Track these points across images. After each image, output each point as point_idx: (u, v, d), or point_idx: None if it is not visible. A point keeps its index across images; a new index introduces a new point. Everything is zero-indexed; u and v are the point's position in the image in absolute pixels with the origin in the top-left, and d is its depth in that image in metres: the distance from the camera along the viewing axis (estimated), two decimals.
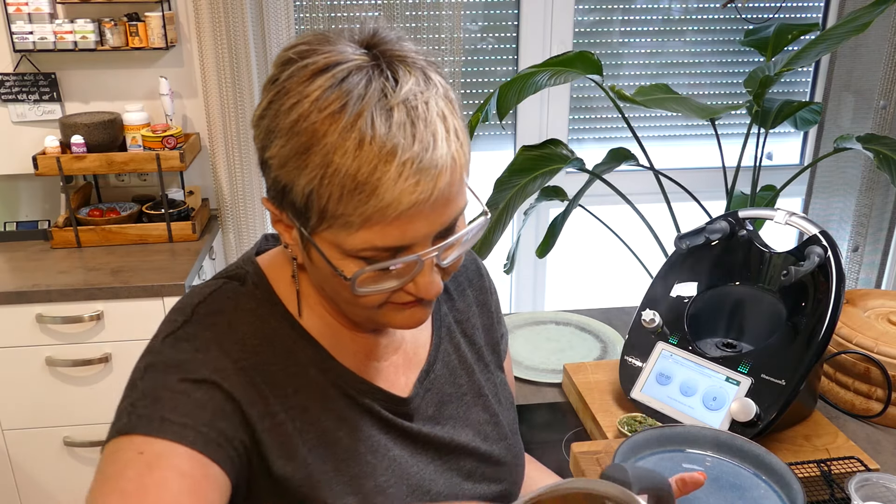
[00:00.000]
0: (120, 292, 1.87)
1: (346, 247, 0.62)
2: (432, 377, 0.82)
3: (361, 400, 0.75)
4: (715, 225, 1.30)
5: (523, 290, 2.70)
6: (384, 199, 0.59)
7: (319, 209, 0.61)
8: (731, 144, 2.52)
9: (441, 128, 0.61)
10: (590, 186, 1.99)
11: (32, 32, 2.02)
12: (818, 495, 1.07)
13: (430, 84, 0.62)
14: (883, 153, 1.81)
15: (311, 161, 0.59)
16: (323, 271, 0.67)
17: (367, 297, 0.66)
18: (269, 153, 0.62)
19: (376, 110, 0.58)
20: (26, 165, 2.13)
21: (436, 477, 0.79)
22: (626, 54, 2.51)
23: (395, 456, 0.76)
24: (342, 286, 0.66)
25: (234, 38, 2.11)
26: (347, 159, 0.58)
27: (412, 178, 0.59)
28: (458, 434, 0.82)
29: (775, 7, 2.49)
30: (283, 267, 0.76)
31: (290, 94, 0.61)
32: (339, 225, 0.61)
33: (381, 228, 0.60)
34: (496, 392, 0.89)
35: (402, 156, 0.58)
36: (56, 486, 2.05)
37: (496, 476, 0.85)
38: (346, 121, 0.58)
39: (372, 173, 0.58)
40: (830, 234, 1.19)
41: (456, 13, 2.24)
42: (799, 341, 1.14)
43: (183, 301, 0.73)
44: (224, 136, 2.21)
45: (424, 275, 0.65)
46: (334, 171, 0.58)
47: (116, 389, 2.20)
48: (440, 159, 0.60)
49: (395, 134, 0.58)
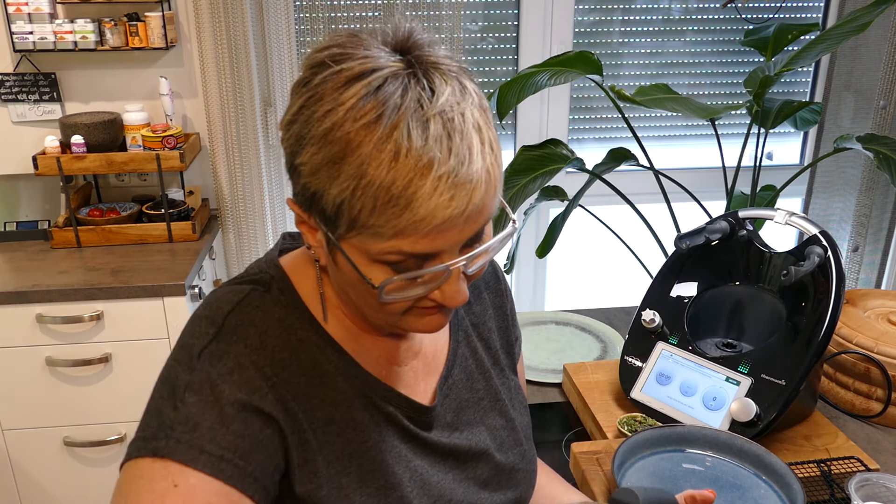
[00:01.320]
0: (120, 292, 1.87)
1: (373, 253, 0.62)
2: (450, 382, 0.82)
3: (385, 408, 0.75)
4: (715, 225, 1.30)
5: (523, 290, 2.70)
6: (418, 213, 0.58)
7: (350, 219, 0.60)
8: (731, 144, 2.52)
9: (476, 140, 0.60)
10: (590, 186, 1.99)
11: (32, 32, 2.02)
12: (818, 495, 1.07)
13: (465, 94, 0.61)
14: (883, 153, 1.81)
15: (345, 171, 0.58)
16: (348, 276, 0.66)
17: (393, 305, 0.66)
18: (300, 159, 0.61)
19: (412, 121, 0.57)
20: (26, 165, 2.13)
21: (455, 486, 0.78)
22: (626, 54, 2.51)
23: (416, 466, 0.75)
24: (368, 292, 0.65)
25: (234, 38, 2.11)
26: (382, 171, 0.57)
27: (447, 192, 0.58)
28: (475, 441, 0.82)
29: (775, 7, 2.49)
30: (307, 268, 0.75)
31: (323, 100, 0.59)
32: (368, 234, 0.60)
33: (412, 240, 0.60)
34: (511, 397, 0.89)
35: (439, 170, 0.57)
36: (56, 486, 2.05)
37: (511, 483, 0.84)
38: (381, 132, 0.57)
39: (407, 187, 0.57)
40: (830, 234, 1.19)
41: (456, 13, 2.24)
42: (799, 341, 1.14)
43: (211, 307, 0.71)
44: (224, 136, 2.21)
45: (451, 283, 0.64)
46: (368, 183, 0.57)
47: (116, 389, 2.19)
48: (475, 174, 0.59)
49: (431, 147, 0.57)
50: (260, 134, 2.23)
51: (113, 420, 1.99)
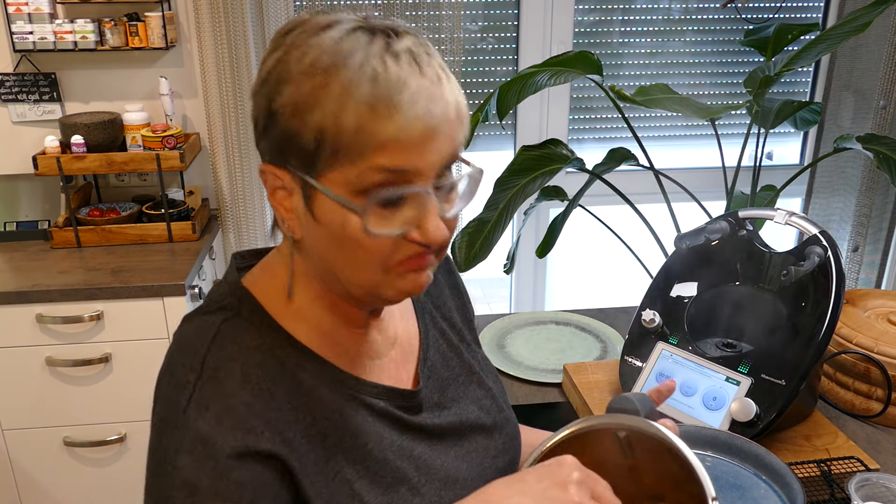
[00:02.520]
0: (120, 292, 1.88)
1: (354, 181, 0.64)
2: (429, 365, 0.84)
3: (377, 405, 0.75)
4: (715, 225, 1.30)
5: (523, 290, 2.70)
6: (399, 123, 0.62)
7: (333, 144, 0.63)
8: (731, 144, 2.52)
9: (444, 74, 0.65)
10: (590, 186, 1.99)
11: (32, 32, 2.02)
12: (818, 495, 1.07)
13: (427, 46, 0.66)
14: (883, 153, 1.81)
15: (329, 95, 0.62)
16: (330, 228, 0.66)
17: (376, 250, 0.66)
18: (279, 102, 0.64)
19: (385, 54, 0.63)
20: (26, 165, 2.13)
21: (458, 463, 0.80)
22: (626, 54, 2.51)
23: (418, 454, 0.77)
24: (351, 242, 0.66)
25: (234, 38, 2.11)
26: (364, 90, 0.61)
27: (424, 104, 0.63)
28: (464, 415, 0.84)
29: (775, 7, 2.49)
30: (272, 281, 0.75)
31: (299, 47, 0.64)
32: (352, 156, 0.63)
33: (392, 152, 0.63)
34: (482, 368, 0.92)
35: (414, 85, 0.63)
36: (56, 486, 2.05)
37: (505, 447, 0.87)
38: (359, 59, 0.62)
39: (389, 100, 0.62)
40: (830, 234, 1.19)
41: (456, 13, 2.24)
42: (799, 341, 1.14)
43: (187, 349, 0.71)
44: (224, 136, 2.21)
45: (430, 218, 0.66)
46: (354, 101, 0.62)
47: (116, 389, 2.20)
48: (448, 94, 0.65)
49: (405, 70, 0.63)
50: None
51: (113, 420, 1.99)
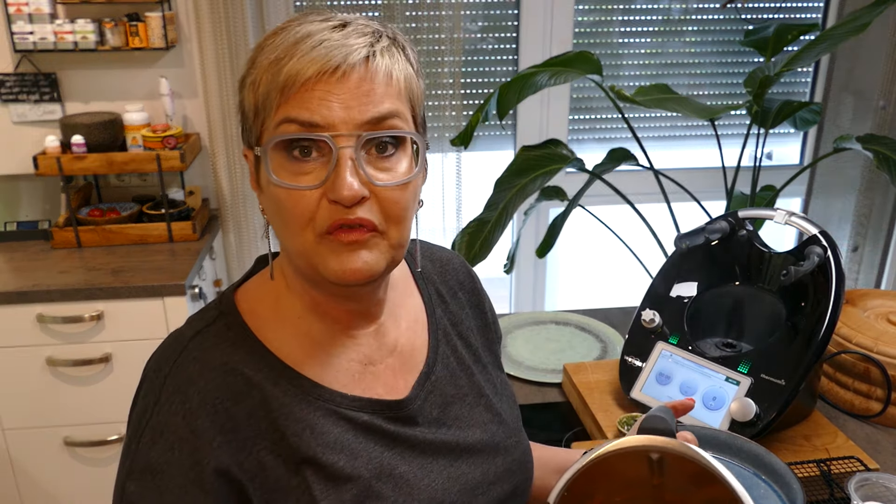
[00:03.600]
0: (120, 292, 1.88)
1: (271, 135, 0.66)
2: (433, 379, 0.82)
3: (360, 418, 0.73)
4: (715, 225, 1.30)
5: (523, 290, 2.70)
6: (294, 67, 0.64)
7: (255, 106, 0.67)
8: (730, 145, 2.52)
9: (383, 43, 0.67)
10: (590, 186, 1.99)
11: (33, 32, 2.02)
12: (818, 495, 1.07)
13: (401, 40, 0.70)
14: (883, 153, 1.81)
15: (261, 62, 0.66)
16: (266, 193, 0.70)
17: (297, 206, 0.66)
18: (245, 82, 0.69)
19: (314, 17, 0.67)
20: (27, 165, 2.13)
21: (449, 485, 0.78)
22: (626, 54, 2.51)
23: (402, 472, 0.74)
24: (275, 202, 0.67)
25: (234, 38, 2.11)
26: (274, 50, 0.65)
27: (323, 51, 0.64)
28: (465, 435, 0.82)
29: (775, 7, 2.49)
30: (264, 284, 0.76)
31: (265, 49, 0.68)
32: (268, 112, 0.66)
33: (294, 100, 0.64)
34: (496, 392, 0.89)
35: (318, 36, 0.65)
36: (56, 485, 2.05)
37: (506, 475, 0.85)
38: (295, 31, 0.66)
39: (289, 50, 0.65)
40: (830, 234, 1.19)
41: (456, 13, 2.24)
42: (799, 341, 1.14)
43: (154, 368, 0.71)
44: (224, 136, 2.21)
45: (340, 172, 0.65)
46: (265, 59, 0.66)
47: (117, 389, 2.20)
48: (357, 47, 0.65)
49: (321, 27, 0.65)
50: None
51: (113, 420, 1.99)
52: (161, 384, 0.69)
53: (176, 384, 0.69)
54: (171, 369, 0.70)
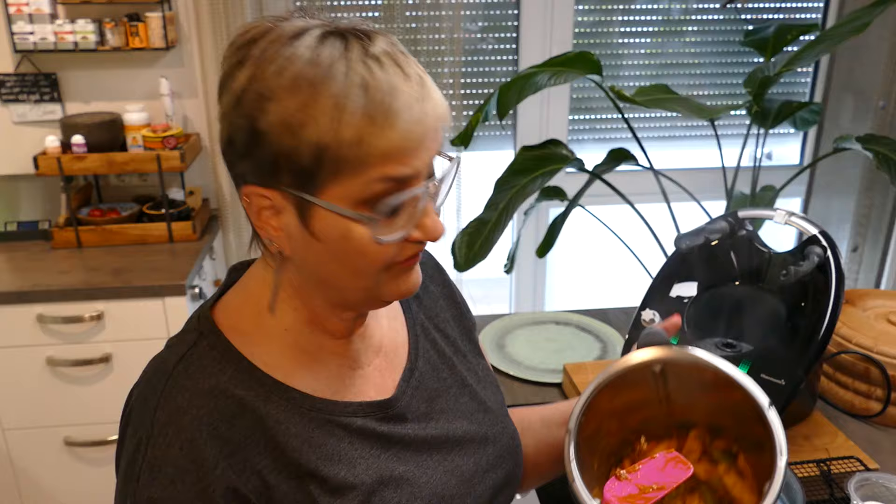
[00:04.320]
0: (120, 292, 1.88)
1: (356, 193, 0.63)
2: (417, 375, 0.82)
3: (354, 424, 0.73)
4: (715, 225, 1.30)
5: (523, 290, 2.70)
6: (400, 130, 0.62)
7: (334, 159, 0.61)
8: (730, 144, 2.52)
9: (423, 73, 0.65)
10: (590, 186, 1.99)
11: (33, 33, 2.02)
12: (818, 495, 1.07)
13: (400, 45, 0.66)
14: (882, 153, 1.81)
15: (321, 109, 0.60)
16: (329, 242, 0.65)
17: (381, 256, 0.66)
18: (266, 121, 0.61)
19: (366, 59, 0.62)
20: (27, 165, 2.14)
21: (447, 478, 0.78)
22: (626, 54, 2.51)
23: (401, 473, 0.75)
24: (354, 253, 0.66)
25: None
26: (357, 100, 0.60)
27: (418, 107, 0.63)
28: (453, 427, 0.82)
29: (775, 7, 2.49)
30: (246, 300, 0.74)
31: (273, 61, 0.62)
32: (354, 169, 0.62)
33: (396, 160, 0.63)
34: (479, 380, 0.90)
35: (405, 89, 0.62)
36: (57, 485, 2.05)
37: (498, 461, 0.85)
38: (342, 68, 0.61)
39: (386, 109, 0.61)
40: (830, 235, 1.19)
41: (456, 13, 2.24)
42: (799, 341, 1.14)
43: (143, 397, 0.69)
44: None
45: (430, 215, 0.67)
46: (349, 114, 0.60)
47: (117, 389, 2.19)
48: (434, 93, 0.65)
49: (390, 74, 0.62)
50: None
51: (113, 420, 1.98)
52: (151, 418, 0.67)
53: (167, 416, 0.66)
54: (159, 401, 0.67)
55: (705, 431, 0.78)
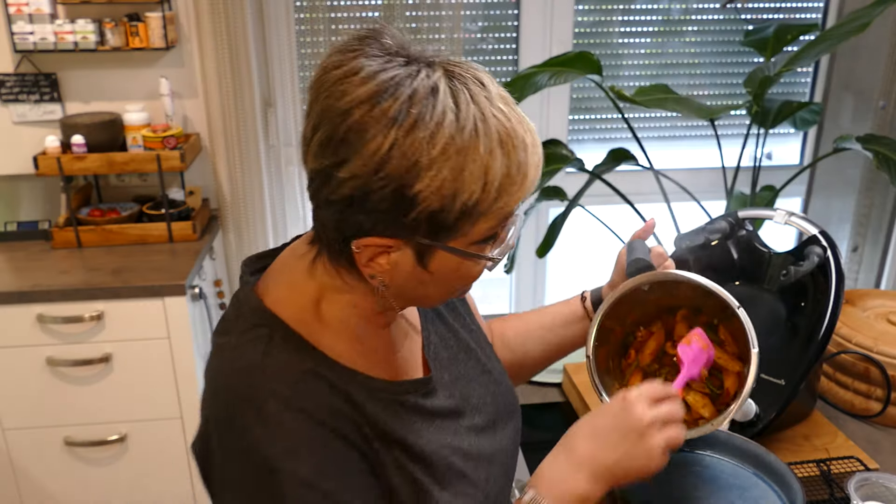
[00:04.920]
0: (120, 292, 1.88)
1: (481, 235, 0.69)
2: (433, 348, 0.87)
3: (409, 402, 0.78)
4: (715, 225, 1.30)
5: (523, 290, 2.70)
6: (528, 180, 0.69)
7: (474, 214, 0.67)
8: (730, 144, 2.52)
9: (519, 110, 0.70)
10: (590, 186, 1.99)
11: (33, 33, 2.02)
12: (818, 495, 1.07)
13: (490, 76, 0.70)
14: (882, 153, 1.81)
15: (472, 177, 0.65)
16: (439, 274, 0.71)
17: (476, 276, 0.74)
18: (417, 188, 0.64)
19: (494, 112, 0.66)
20: (27, 165, 2.13)
21: (481, 441, 0.84)
22: (626, 54, 2.51)
23: (448, 442, 0.80)
24: (457, 280, 0.73)
25: (234, 38, 2.11)
26: (500, 160, 0.66)
27: (536, 154, 0.70)
28: (469, 392, 0.88)
29: (775, 7, 2.49)
30: (299, 297, 0.76)
31: (420, 126, 0.63)
32: (486, 217, 0.68)
33: (515, 202, 0.69)
34: (479, 343, 0.95)
35: (527, 140, 0.68)
36: (57, 485, 2.05)
37: (508, 418, 0.92)
38: (484, 129, 0.65)
39: (520, 165, 0.67)
40: (830, 235, 1.19)
41: (456, 13, 2.24)
42: (799, 341, 1.14)
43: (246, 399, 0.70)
44: (224, 136, 2.21)
45: (515, 230, 0.75)
46: (493, 174, 0.66)
47: (117, 389, 2.19)
48: (533, 128, 0.71)
49: (514, 122, 0.67)
50: (260, 134, 2.23)
51: (113, 420, 2.00)
52: (261, 413, 0.68)
53: (278, 404, 0.69)
54: (266, 394, 0.69)
55: (689, 311, 0.98)
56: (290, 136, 2.30)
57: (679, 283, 0.94)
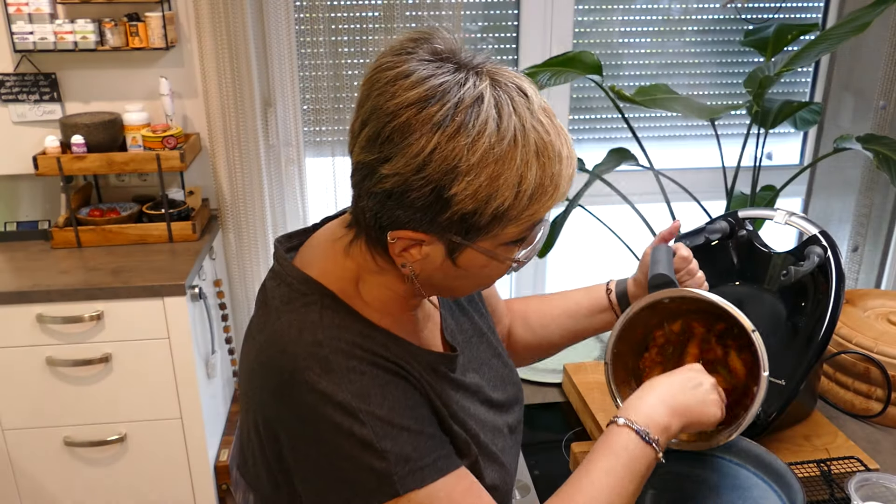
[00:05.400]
0: (120, 292, 1.88)
1: (510, 237, 0.73)
2: (450, 330, 0.91)
3: (440, 370, 0.83)
4: (715, 225, 1.30)
5: (523, 290, 2.70)
6: (561, 190, 0.72)
7: (506, 218, 0.70)
8: (730, 144, 2.52)
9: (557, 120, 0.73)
10: (590, 186, 1.99)
11: (33, 32, 2.02)
12: (818, 495, 1.07)
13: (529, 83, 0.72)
14: (883, 153, 1.81)
15: (507, 185, 0.68)
16: (468, 269, 0.75)
17: (504, 272, 0.78)
18: (454, 190, 0.68)
19: (534, 123, 0.69)
20: (27, 165, 2.13)
21: (495, 418, 0.89)
22: (626, 54, 2.51)
23: (474, 412, 0.86)
24: (483, 276, 0.77)
25: (234, 38, 2.11)
26: (535, 170, 0.69)
27: (571, 166, 0.73)
28: (483, 373, 0.92)
29: (775, 7, 2.49)
30: (342, 272, 0.80)
31: (462, 133, 0.66)
32: (517, 222, 0.71)
33: (545, 211, 0.73)
34: (490, 326, 0.99)
35: (563, 152, 0.71)
36: (56, 485, 2.05)
37: (514, 402, 0.96)
38: (522, 140, 0.68)
39: (553, 176, 0.71)
40: (830, 235, 1.19)
41: (456, 13, 2.24)
42: (799, 341, 1.14)
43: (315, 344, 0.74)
44: (224, 136, 2.21)
45: (542, 235, 0.78)
46: (527, 183, 0.69)
47: (117, 389, 2.19)
48: (568, 135, 0.73)
49: (552, 137, 0.70)
50: (260, 134, 2.23)
51: (113, 420, 1.99)
52: (327, 363, 0.72)
53: (338, 355, 0.73)
54: (327, 349, 0.73)
55: (708, 316, 1.02)
56: (290, 135, 2.29)
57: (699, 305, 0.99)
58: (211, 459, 2.08)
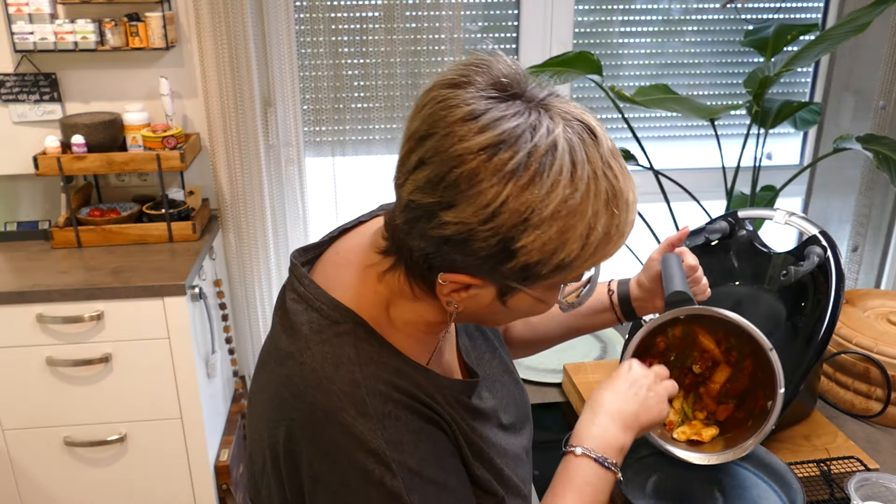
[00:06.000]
0: (120, 292, 1.88)
1: (563, 281, 0.71)
2: (465, 349, 0.90)
3: (463, 401, 0.81)
4: (715, 225, 1.30)
5: None
6: (625, 237, 0.70)
7: (568, 267, 0.68)
8: (730, 144, 2.52)
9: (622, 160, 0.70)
10: None
11: (33, 33, 2.02)
12: (818, 495, 1.07)
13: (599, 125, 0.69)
14: (882, 153, 1.81)
15: (575, 237, 0.65)
16: (513, 309, 0.74)
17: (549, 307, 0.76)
18: (521, 243, 0.64)
19: (605, 169, 0.66)
20: (27, 165, 2.13)
21: (510, 439, 0.88)
22: (626, 54, 2.51)
23: (494, 440, 0.84)
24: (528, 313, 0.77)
25: (234, 38, 2.11)
26: (603, 221, 0.66)
27: (634, 211, 0.70)
28: (497, 391, 0.91)
29: (775, 7, 2.49)
30: (375, 297, 0.77)
31: (536, 183, 0.63)
32: (576, 269, 0.69)
33: (607, 258, 0.71)
34: (500, 341, 0.98)
35: (629, 199, 0.68)
36: (56, 486, 2.05)
37: (525, 419, 0.96)
38: (594, 189, 0.65)
39: (619, 225, 0.68)
40: (830, 235, 1.19)
41: (456, 13, 2.24)
42: (799, 341, 1.14)
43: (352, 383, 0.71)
44: (224, 136, 2.21)
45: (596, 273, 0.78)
46: (595, 234, 0.66)
47: (117, 389, 2.19)
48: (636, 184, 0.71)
49: (622, 184, 0.67)
50: (260, 134, 2.23)
51: (113, 420, 1.99)
52: (364, 406, 0.70)
53: (375, 398, 0.71)
54: (364, 390, 0.71)
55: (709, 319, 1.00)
56: (290, 135, 2.29)
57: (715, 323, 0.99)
58: (211, 459, 2.08)
